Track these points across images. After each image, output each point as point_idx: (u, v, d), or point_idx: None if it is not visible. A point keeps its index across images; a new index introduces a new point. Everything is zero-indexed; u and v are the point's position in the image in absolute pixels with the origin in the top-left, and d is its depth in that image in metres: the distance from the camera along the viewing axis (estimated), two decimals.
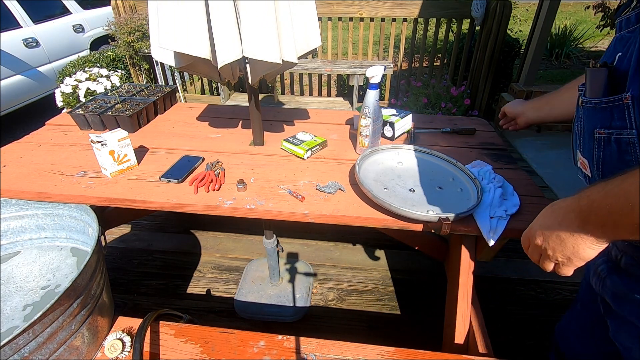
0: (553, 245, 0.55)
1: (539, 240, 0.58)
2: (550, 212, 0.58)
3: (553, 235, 0.55)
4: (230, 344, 0.91)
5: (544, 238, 0.57)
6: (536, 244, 0.59)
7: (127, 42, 3.28)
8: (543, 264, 0.60)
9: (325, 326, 1.51)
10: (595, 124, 0.58)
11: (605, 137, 0.56)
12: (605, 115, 0.55)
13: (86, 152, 1.30)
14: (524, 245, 0.64)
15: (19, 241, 1.18)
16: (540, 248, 0.58)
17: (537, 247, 0.59)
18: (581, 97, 0.61)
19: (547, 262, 0.59)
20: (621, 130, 0.53)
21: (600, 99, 0.56)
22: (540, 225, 0.58)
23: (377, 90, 1.13)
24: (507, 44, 3.36)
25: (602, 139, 0.57)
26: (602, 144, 0.57)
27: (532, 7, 5.23)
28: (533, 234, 0.60)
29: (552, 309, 1.57)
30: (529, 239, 0.62)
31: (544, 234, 0.57)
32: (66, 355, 0.81)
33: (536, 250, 0.60)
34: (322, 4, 3.19)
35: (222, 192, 1.08)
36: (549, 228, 0.56)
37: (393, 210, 0.92)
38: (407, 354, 0.89)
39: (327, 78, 4.21)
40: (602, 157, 0.58)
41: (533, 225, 0.61)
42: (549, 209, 0.58)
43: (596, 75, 0.57)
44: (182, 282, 1.71)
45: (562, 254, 0.55)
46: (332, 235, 1.98)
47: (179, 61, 1.09)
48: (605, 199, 0.47)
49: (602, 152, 0.58)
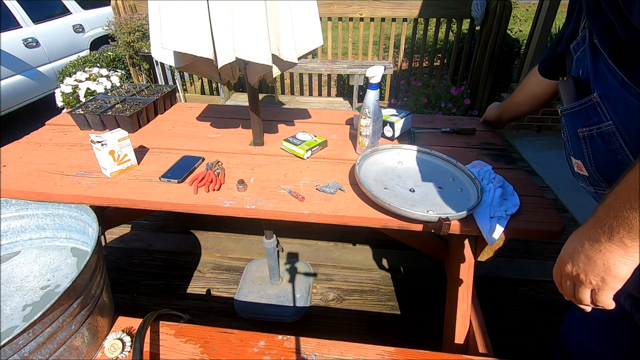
0: (583, 267, 0.53)
1: (568, 267, 0.56)
2: (575, 236, 0.56)
3: (581, 256, 0.53)
4: (230, 344, 0.91)
5: (572, 263, 0.55)
6: (567, 272, 0.57)
7: (127, 42, 3.29)
8: (578, 294, 0.56)
9: (325, 326, 1.51)
10: (576, 125, 0.66)
11: (588, 134, 0.63)
12: (583, 116, 0.64)
13: (86, 152, 1.30)
14: (557, 280, 0.61)
15: (19, 241, 1.18)
16: (572, 275, 0.56)
17: (568, 275, 0.57)
18: (559, 107, 0.71)
19: (582, 289, 0.55)
20: (600, 125, 0.60)
21: (574, 103, 0.65)
22: (567, 253, 0.57)
23: (377, 90, 1.13)
24: (507, 44, 3.36)
25: (586, 137, 0.64)
26: (588, 141, 0.64)
27: (532, 7, 5.23)
28: (562, 263, 0.58)
29: (552, 309, 1.57)
30: (559, 270, 0.59)
31: (572, 259, 0.55)
32: (66, 355, 0.81)
33: (568, 279, 0.58)
34: (322, 4, 3.19)
35: (222, 192, 1.08)
36: (575, 251, 0.55)
37: (393, 210, 0.92)
38: (407, 354, 0.89)
39: (327, 78, 4.21)
40: (591, 153, 0.64)
41: (560, 255, 0.59)
42: (572, 236, 0.57)
43: (566, 86, 0.68)
44: (182, 282, 1.71)
45: (594, 274, 0.52)
46: (332, 235, 1.98)
47: (178, 61, 1.09)
48: (616, 198, 0.47)
49: (590, 148, 0.64)
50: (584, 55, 0.65)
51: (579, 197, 2.25)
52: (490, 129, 1.47)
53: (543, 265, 1.79)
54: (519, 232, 0.93)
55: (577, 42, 0.68)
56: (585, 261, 0.53)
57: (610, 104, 0.58)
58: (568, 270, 0.56)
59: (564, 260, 0.57)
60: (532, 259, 1.83)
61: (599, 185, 0.67)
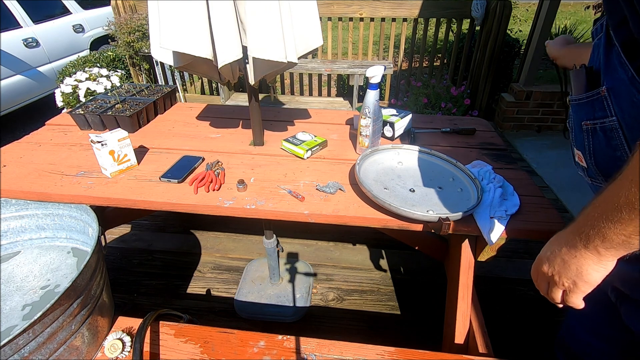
0: (558, 269, 0.56)
1: (545, 267, 0.59)
2: (555, 239, 0.59)
3: (557, 259, 0.56)
4: (230, 344, 0.91)
5: (549, 264, 0.58)
6: (543, 271, 0.60)
7: (127, 42, 3.29)
8: (551, 292, 0.60)
9: (325, 326, 1.51)
10: (581, 117, 0.66)
11: (592, 128, 0.63)
12: (589, 109, 0.63)
13: (86, 152, 1.30)
14: (534, 277, 0.64)
15: (19, 241, 1.18)
16: (547, 275, 0.59)
17: (544, 275, 0.60)
18: (569, 97, 0.71)
19: (554, 289, 0.59)
20: (603, 119, 0.61)
21: (582, 95, 0.65)
22: (545, 254, 0.59)
23: (377, 90, 1.13)
24: (507, 44, 3.36)
25: (589, 130, 0.64)
26: (590, 134, 0.64)
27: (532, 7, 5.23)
28: (540, 262, 0.61)
29: (552, 309, 1.55)
30: (537, 269, 0.62)
31: (549, 260, 0.58)
32: (66, 355, 0.81)
33: (543, 278, 0.61)
34: (322, 4, 3.19)
35: (222, 192, 1.08)
36: (553, 253, 0.57)
37: (393, 210, 0.92)
38: (407, 354, 0.89)
39: (327, 78, 4.21)
40: (592, 146, 0.64)
41: (539, 256, 0.62)
42: (553, 237, 0.59)
43: (578, 75, 0.66)
44: (182, 282, 1.71)
45: (567, 277, 0.55)
46: (332, 235, 1.98)
47: (178, 61, 1.09)
48: (595, 208, 0.49)
49: (591, 141, 0.64)
50: (599, 44, 0.64)
51: (579, 197, 2.24)
52: (490, 129, 1.47)
53: None
54: (519, 232, 0.93)
55: (596, 28, 0.67)
56: (560, 264, 0.56)
57: (616, 99, 0.58)
58: (544, 270, 0.59)
59: (542, 260, 0.60)
60: (532, 259, 1.80)
61: (596, 178, 0.68)
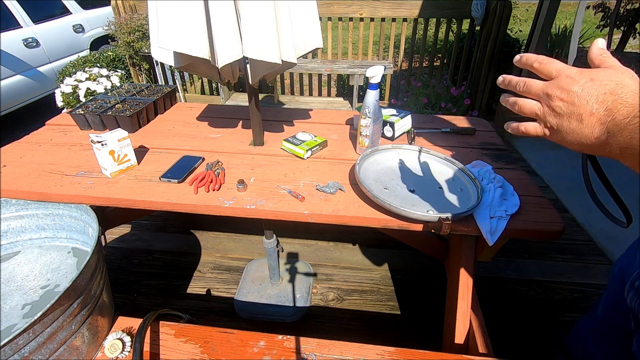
0: (563, 95, 0.45)
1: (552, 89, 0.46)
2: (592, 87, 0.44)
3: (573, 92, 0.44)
4: (230, 344, 0.91)
5: (561, 91, 0.45)
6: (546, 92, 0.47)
7: (127, 42, 3.29)
8: (532, 109, 0.49)
9: (325, 326, 1.51)
10: None
11: None
12: None
13: (86, 152, 1.30)
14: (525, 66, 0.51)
15: (19, 241, 1.18)
16: (544, 93, 0.47)
17: (540, 91, 0.48)
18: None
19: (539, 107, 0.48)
20: None
21: None
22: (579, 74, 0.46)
23: (377, 90, 1.13)
24: (507, 44, 3.36)
25: None
26: None
27: (532, 7, 5.23)
28: (561, 68, 0.47)
29: (552, 309, 1.57)
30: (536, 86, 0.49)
31: (562, 89, 0.45)
32: (66, 355, 0.81)
33: (536, 96, 0.49)
34: (322, 4, 3.19)
35: (222, 192, 1.08)
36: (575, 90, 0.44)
37: (393, 210, 0.92)
38: (407, 354, 0.89)
39: (327, 78, 4.21)
40: None
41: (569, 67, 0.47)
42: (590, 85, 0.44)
43: None
44: (182, 282, 1.71)
45: (567, 105, 0.45)
46: (332, 235, 1.98)
47: (178, 61, 1.09)
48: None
49: None
50: None
51: (579, 197, 2.24)
52: (490, 129, 1.47)
53: (543, 265, 1.79)
54: (519, 232, 0.93)
55: None
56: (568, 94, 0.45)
57: None
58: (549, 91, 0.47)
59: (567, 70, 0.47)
60: (532, 259, 1.83)
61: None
